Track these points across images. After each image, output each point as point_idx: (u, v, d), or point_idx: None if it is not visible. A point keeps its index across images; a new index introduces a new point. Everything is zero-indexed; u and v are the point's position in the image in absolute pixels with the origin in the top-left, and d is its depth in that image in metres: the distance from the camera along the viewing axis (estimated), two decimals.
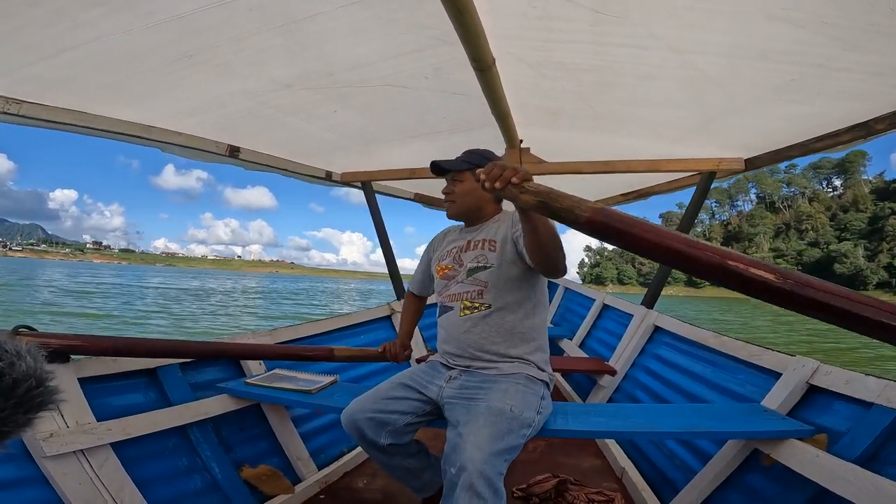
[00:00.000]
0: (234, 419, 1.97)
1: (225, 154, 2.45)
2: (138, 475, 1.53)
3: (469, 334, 1.56)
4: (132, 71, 1.62)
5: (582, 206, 0.89)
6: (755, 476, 1.65)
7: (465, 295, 1.60)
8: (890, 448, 1.35)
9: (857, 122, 1.89)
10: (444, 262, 1.72)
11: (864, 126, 1.87)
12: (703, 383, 2.24)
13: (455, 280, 1.65)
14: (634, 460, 2.25)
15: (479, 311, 1.56)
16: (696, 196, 2.89)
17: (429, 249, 1.91)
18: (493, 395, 1.40)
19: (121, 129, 2.00)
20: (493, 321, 1.55)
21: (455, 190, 1.67)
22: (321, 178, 3.21)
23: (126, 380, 1.71)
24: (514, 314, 1.56)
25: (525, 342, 1.56)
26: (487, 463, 1.19)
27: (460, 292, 1.62)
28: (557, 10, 1.36)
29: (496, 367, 1.53)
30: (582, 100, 2.06)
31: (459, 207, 1.70)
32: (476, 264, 1.60)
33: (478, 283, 1.58)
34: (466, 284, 1.61)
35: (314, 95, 1.98)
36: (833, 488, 1.29)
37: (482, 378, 1.51)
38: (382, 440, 1.49)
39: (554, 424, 1.57)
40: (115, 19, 1.31)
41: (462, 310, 1.59)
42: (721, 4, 1.23)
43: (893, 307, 0.62)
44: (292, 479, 2.02)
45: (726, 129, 2.24)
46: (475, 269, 1.60)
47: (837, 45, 1.33)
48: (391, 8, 1.39)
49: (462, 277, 1.63)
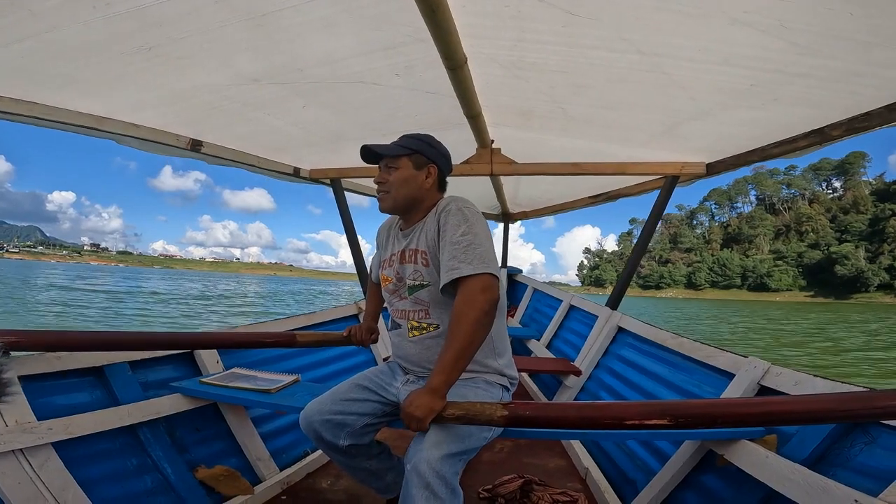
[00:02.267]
0: (189, 419, 1.92)
1: (186, 148, 2.37)
2: (83, 475, 1.50)
3: (422, 353, 1.50)
4: (88, 62, 1.56)
5: (495, 410, 1.18)
6: (710, 477, 1.68)
7: (411, 314, 1.51)
8: (837, 449, 1.38)
9: (814, 129, 1.94)
10: (385, 272, 1.60)
11: (820, 132, 1.91)
12: (662, 383, 2.28)
13: (398, 295, 1.55)
14: (598, 460, 2.28)
15: (428, 332, 1.48)
16: (659, 199, 2.95)
17: (378, 247, 1.76)
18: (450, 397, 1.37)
19: (75, 120, 1.92)
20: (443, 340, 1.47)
21: (389, 178, 1.49)
22: (289, 175, 3.15)
23: (70, 378, 1.66)
24: None
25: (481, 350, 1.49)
26: (443, 463, 1.18)
27: (406, 310, 1.52)
28: (530, 10, 1.36)
29: None
30: (553, 101, 2.07)
31: (394, 199, 1.50)
32: (414, 282, 1.48)
33: (420, 302, 1.48)
34: (410, 303, 1.51)
35: (282, 91, 1.93)
36: (781, 490, 1.31)
37: None
38: (342, 442, 1.44)
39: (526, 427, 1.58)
40: (72, 10, 1.26)
41: (410, 330, 1.51)
42: (688, 7, 1.24)
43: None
44: (252, 479, 1.98)
45: (690, 134, 2.29)
46: (415, 287, 1.48)
47: (796, 50, 1.36)
48: (363, 4, 1.37)
49: (404, 293, 1.52)
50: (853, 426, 1.37)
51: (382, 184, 1.51)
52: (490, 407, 1.19)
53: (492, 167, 2.79)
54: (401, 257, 1.53)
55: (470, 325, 1.25)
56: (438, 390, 1.21)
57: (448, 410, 1.20)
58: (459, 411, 1.20)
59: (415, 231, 1.52)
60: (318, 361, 2.80)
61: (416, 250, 1.48)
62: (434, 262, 1.44)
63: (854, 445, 1.34)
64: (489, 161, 2.77)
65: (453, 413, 1.19)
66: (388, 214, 1.64)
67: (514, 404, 1.19)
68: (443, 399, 1.22)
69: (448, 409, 1.20)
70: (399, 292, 1.54)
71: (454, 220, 1.38)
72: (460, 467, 1.26)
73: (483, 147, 2.72)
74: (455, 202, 1.44)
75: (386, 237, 1.68)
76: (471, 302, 1.27)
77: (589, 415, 1.08)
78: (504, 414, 1.17)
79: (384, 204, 1.55)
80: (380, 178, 1.52)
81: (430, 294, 1.46)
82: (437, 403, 1.21)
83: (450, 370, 1.23)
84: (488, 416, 1.18)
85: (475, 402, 1.23)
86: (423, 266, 1.46)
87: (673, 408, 0.97)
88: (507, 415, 1.17)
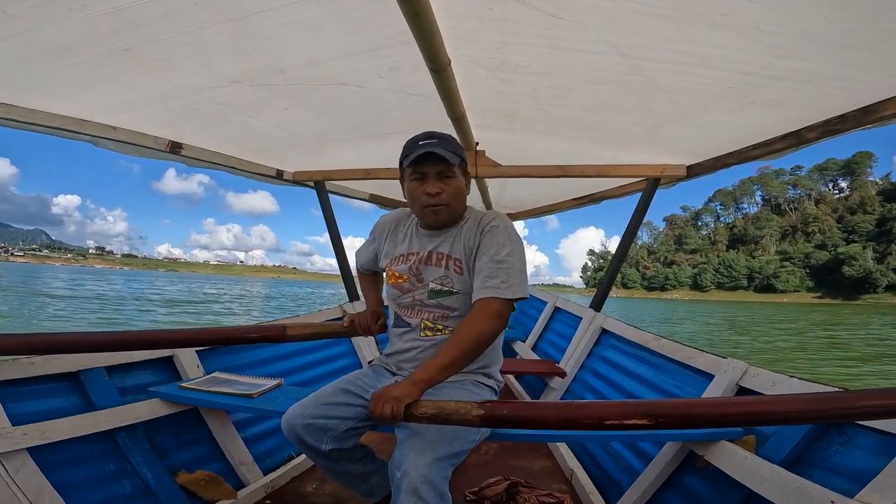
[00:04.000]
0: (169, 424, 1.89)
1: (165, 150, 2.34)
2: (60, 480, 1.48)
3: (427, 353, 1.48)
4: (64, 63, 1.53)
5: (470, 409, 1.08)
6: (692, 478, 1.69)
7: (427, 315, 1.49)
8: (814, 450, 1.39)
9: (790, 131, 1.97)
10: (397, 269, 1.54)
11: (797, 135, 1.94)
12: (645, 384, 2.30)
13: (412, 296, 1.51)
14: (583, 462, 2.29)
15: (443, 335, 1.48)
16: (641, 201, 2.99)
17: (377, 238, 1.68)
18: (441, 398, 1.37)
19: (51, 122, 1.89)
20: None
21: (446, 189, 1.39)
22: (272, 177, 3.13)
23: (45, 384, 1.63)
24: None
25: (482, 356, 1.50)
26: (432, 468, 1.17)
27: (422, 310, 1.50)
28: (513, 13, 1.36)
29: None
30: (537, 103, 2.08)
31: (452, 213, 1.44)
32: (440, 287, 1.45)
33: (443, 307, 1.47)
34: (430, 307, 1.48)
35: (264, 92, 1.91)
36: (760, 491, 1.33)
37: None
38: (324, 446, 1.42)
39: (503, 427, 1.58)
40: (48, 11, 1.24)
41: (423, 330, 1.49)
42: (667, 9, 1.26)
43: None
44: (235, 484, 1.96)
45: (670, 136, 2.32)
46: (439, 293, 1.46)
47: (772, 52, 1.38)
48: (347, 5, 1.36)
49: (423, 297, 1.49)
50: (829, 427, 1.39)
51: (437, 195, 1.39)
52: (465, 406, 1.10)
53: (476, 169, 2.80)
54: (426, 258, 1.49)
55: (475, 339, 1.27)
56: (418, 384, 1.19)
57: (421, 409, 1.13)
58: (433, 409, 1.12)
59: (447, 236, 1.49)
60: (302, 365, 2.77)
61: (450, 256, 1.46)
62: (468, 272, 1.43)
63: (830, 446, 1.36)
64: (474, 163, 2.77)
65: (426, 412, 1.12)
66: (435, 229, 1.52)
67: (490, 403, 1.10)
68: (420, 392, 1.18)
69: (421, 408, 1.13)
70: (414, 292, 1.51)
71: (501, 240, 1.39)
72: (449, 471, 1.25)
73: (468, 149, 2.72)
74: (501, 220, 1.45)
75: (394, 231, 1.61)
76: (487, 319, 1.30)
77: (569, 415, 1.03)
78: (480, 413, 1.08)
79: (440, 217, 1.44)
80: (434, 189, 1.38)
81: (457, 301, 1.46)
82: (413, 393, 1.15)
83: (437, 371, 1.23)
84: (463, 415, 1.09)
85: (449, 402, 1.15)
86: (455, 273, 1.45)
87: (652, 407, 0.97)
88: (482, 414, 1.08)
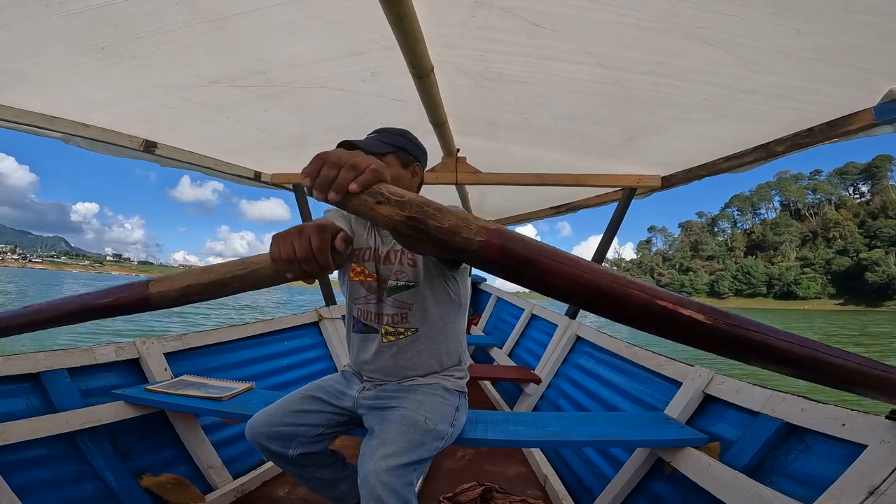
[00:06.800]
0: (133, 427, 1.86)
1: (139, 149, 2.28)
2: (18, 482, 1.45)
3: (394, 360, 1.46)
4: (36, 60, 1.49)
5: (472, 226, 0.58)
6: (659, 484, 1.72)
7: (387, 318, 1.44)
8: (774, 457, 1.43)
9: (759, 144, 2.02)
10: (366, 265, 1.47)
11: (765, 148, 1.98)
12: (617, 392, 2.33)
13: (372, 295, 1.46)
14: (556, 468, 2.31)
15: (405, 337, 1.44)
16: (617, 211, 3.04)
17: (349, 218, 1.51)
18: (407, 403, 1.36)
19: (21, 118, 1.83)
20: (420, 347, 1.45)
21: None
22: (249, 179, 3.08)
23: (5, 385, 1.60)
24: (442, 332, 1.46)
25: (448, 356, 1.51)
26: (394, 474, 1.16)
27: (381, 313, 1.45)
28: (497, 21, 1.38)
29: (413, 380, 1.48)
30: (517, 111, 2.11)
31: None
32: (396, 282, 1.42)
33: (401, 304, 1.43)
34: (388, 305, 1.44)
35: (244, 93, 1.88)
36: (723, 497, 1.35)
37: (398, 387, 1.46)
38: (291, 451, 1.40)
39: (475, 433, 1.58)
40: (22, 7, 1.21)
41: (385, 335, 1.45)
42: (646, 21, 1.28)
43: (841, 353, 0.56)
44: (203, 488, 1.93)
45: (646, 147, 2.36)
46: (396, 289, 1.42)
47: (744, 65, 1.41)
48: (331, 9, 1.36)
49: (384, 296, 1.45)
50: (789, 433, 1.42)
51: None
52: (462, 219, 0.59)
53: (457, 176, 2.81)
54: (383, 257, 1.45)
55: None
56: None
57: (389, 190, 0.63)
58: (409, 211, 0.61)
59: None
60: (275, 370, 2.74)
61: (401, 251, 1.43)
62: (423, 262, 1.40)
63: (790, 453, 1.39)
64: (454, 170, 2.79)
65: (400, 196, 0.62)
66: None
67: (497, 229, 0.59)
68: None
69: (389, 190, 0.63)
70: (378, 293, 1.46)
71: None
72: (415, 477, 1.23)
73: (449, 156, 2.73)
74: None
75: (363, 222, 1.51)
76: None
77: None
78: (482, 240, 0.56)
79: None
80: None
81: (413, 295, 1.42)
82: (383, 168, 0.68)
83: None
84: (455, 230, 0.58)
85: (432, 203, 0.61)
86: (409, 266, 1.42)
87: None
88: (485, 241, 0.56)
